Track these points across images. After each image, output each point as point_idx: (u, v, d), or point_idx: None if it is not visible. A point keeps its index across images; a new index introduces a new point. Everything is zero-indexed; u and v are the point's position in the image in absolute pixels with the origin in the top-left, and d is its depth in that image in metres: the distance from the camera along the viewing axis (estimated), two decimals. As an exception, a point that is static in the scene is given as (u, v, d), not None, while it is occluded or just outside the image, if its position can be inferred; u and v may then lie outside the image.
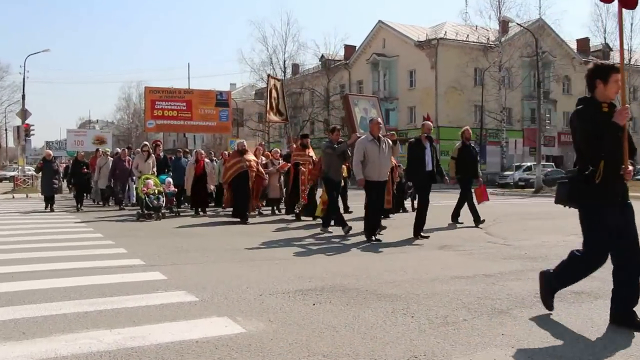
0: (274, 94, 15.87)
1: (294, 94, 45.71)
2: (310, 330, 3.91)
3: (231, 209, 12.26)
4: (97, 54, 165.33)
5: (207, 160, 14.54)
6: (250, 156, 12.20)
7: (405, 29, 44.53)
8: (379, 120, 8.96)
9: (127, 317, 4.23)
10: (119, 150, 17.97)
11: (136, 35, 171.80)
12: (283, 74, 45.01)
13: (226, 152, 16.00)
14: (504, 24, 38.41)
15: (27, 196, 22.77)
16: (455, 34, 41.69)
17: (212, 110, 24.37)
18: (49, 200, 15.22)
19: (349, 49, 49.17)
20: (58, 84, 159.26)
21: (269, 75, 17.50)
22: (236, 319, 4.18)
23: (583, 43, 47.52)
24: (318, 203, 11.49)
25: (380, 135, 8.59)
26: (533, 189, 26.49)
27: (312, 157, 12.22)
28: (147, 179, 12.91)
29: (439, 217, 11.11)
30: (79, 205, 15.24)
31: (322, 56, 47.53)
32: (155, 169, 13.88)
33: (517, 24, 33.66)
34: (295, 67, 50.50)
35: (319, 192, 11.87)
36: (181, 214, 13.65)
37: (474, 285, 5.37)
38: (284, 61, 45.67)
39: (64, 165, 25.64)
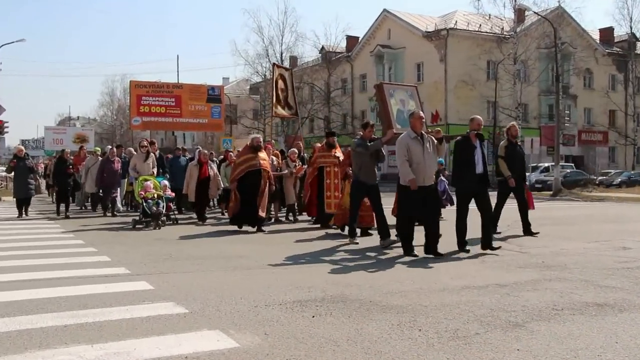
0: (280, 84, 14.98)
1: (292, 89, 45.72)
2: (309, 345, 3.91)
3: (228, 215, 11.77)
4: (78, 45, 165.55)
5: (210, 162, 13.80)
6: (265, 155, 11.36)
7: (413, 19, 44.60)
8: (422, 114, 8.18)
9: (110, 330, 4.23)
10: (108, 148, 16.60)
11: (121, 25, 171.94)
12: (280, 67, 45.03)
13: (231, 153, 14.91)
14: (520, 13, 38.47)
15: (0, 199, 22.77)
16: (467, 23, 41.75)
17: (203, 106, 24.33)
18: (23, 204, 14.16)
19: (352, 40, 49.25)
20: (34, 77, 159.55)
21: (274, 64, 16.60)
22: (229, 332, 4.18)
23: (606, 33, 47.59)
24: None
25: (423, 132, 7.95)
26: (551, 192, 26.51)
27: (339, 158, 11.26)
28: (146, 180, 12.20)
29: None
30: (60, 210, 14.26)
31: (322, 48, 47.63)
32: (155, 170, 13.08)
33: (534, 12, 33.70)
34: (294, 59, 50.55)
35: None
36: (179, 221, 12.76)
37: (487, 296, 5.37)
38: (281, 53, 45.77)
39: (42, 165, 25.38)
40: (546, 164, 33.34)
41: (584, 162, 44.49)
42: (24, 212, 14.04)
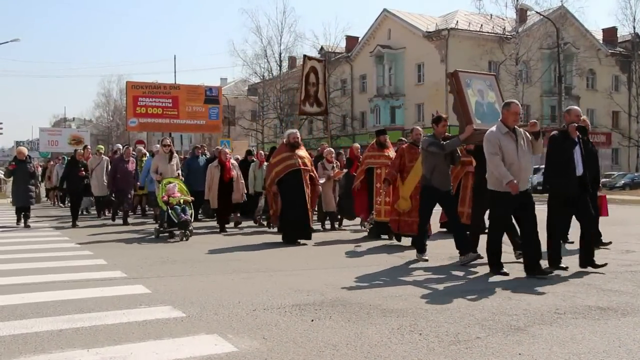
0: (312, 78, 13.85)
1: (291, 90, 45.74)
2: (308, 349, 3.92)
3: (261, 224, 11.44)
4: (74, 45, 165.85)
5: (233, 162, 12.53)
6: (304, 153, 10.17)
7: (413, 19, 44.65)
8: (519, 106, 6.85)
9: (106, 335, 4.23)
10: (119, 147, 15.64)
11: (117, 24, 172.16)
12: (279, 68, 45.12)
13: (262, 152, 13.81)
14: (522, 13, 38.52)
15: (-4, 202, 22.75)
16: (468, 23, 41.80)
17: (200, 107, 24.33)
18: (23, 213, 12.69)
19: (351, 41, 49.28)
20: (29, 78, 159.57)
21: (305, 56, 14.82)
22: (227, 336, 4.18)
23: (610, 33, 47.65)
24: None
25: (516, 126, 6.74)
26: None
27: (391, 158, 10.05)
28: (170, 183, 10.88)
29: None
30: (75, 221, 12.71)
31: (322, 48, 47.59)
32: (180, 172, 11.51)
33: (537, 12, 33.76)
34: (292, 60, 50.53)
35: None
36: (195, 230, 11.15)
37: (488, 299, 5.38)
38: (280, 54, 45.76)
39: (39, 167, 25.03)
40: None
41: (586, 163, 44.49)
42: (22, 223, 12.63)
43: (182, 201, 10.58)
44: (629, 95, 45.19)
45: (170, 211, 10.31)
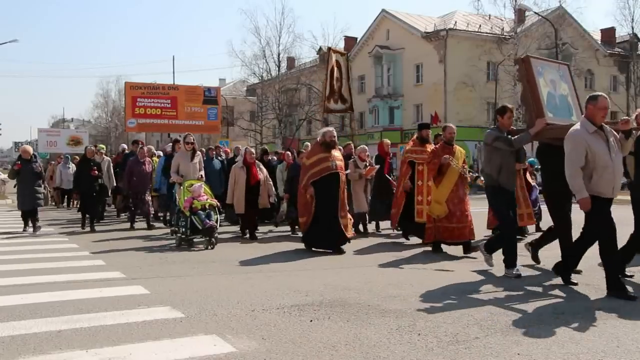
0: (336, 73, 12.94)
1: (289, 91, 45.73)
2: (307, 349, 3.92)
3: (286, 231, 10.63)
4: (72, 46, 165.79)
5: (259, 163, 11.32)
6: (339, 154, 9.31)
7: (412, 19, 44.67)
8: (607, 100, 5.88)
9: (105, 335, 4.23)
10: (124, 147, 14.65)
11: (116, 25, 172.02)
12: (277, 68, 45.08)
13: (289, 152, 12.74)
14: (520, 13, 38.54)
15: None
16: (466, 24, 41.83)
17: (199, 108, 24.33)
18: (30, 216, 11.56)
19: (350, 41, 49.26)
20: (28, 78, 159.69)
21: (329, 49, 13.73)
22: (226, 336, 4.18)
23: (608, 33, 47.69)
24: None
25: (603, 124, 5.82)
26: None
27: None
28: (192, 185, 9.71)
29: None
30: (86, 223, 11.87)
31: (320, 49, 47.61)
32: (202, 173, 10.29)
33: (535, 12, 33.79)
34: (291, 60, 50.52)
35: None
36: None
37: (487, 299, 5.39)
38: (279, 54, 45.70)
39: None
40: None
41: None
42: (30, 227, 11.54)
43: (207, 205, 9.49)
44: (627, 96, 45.24)
45: (193, 216, 9.20)
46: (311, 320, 4.64)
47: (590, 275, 6.59)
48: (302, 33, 70.75)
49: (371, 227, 11.38)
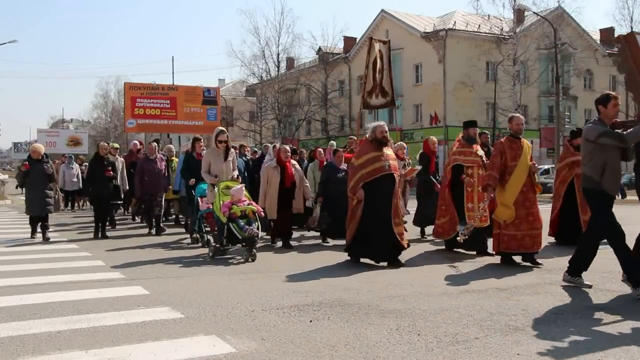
0: (379, 64, 11.90)
1: (289, 91, 45.76)
2: (307, 350, 3.91)
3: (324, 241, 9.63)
4: (72, 46, 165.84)
5: (294, 163, 10.02)
6: (392, 152, 8.07)
7: (411, 19, 44.67)
8: None
9: (104, 336, 4.23)
10: (136, 143, 13.88)
11: (115, 26, 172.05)
12: (277, 69, 45.12)
13: (321, 150, 11.61)
14: (519, 13, 38.56)
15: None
16: (466, 24, 41.84)
17: (198, 108, 24.34)
18: (39, 223, 10.38)
19: (349, 41, 49.28)
20: (27, 79, 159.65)
21: (371, 38, 12.45)
22: (225, 337, 4.18)
23: (607, 33, 47.65)
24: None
25: None
26: (551, 194, 26.54)
27: (482, 156, 8.49)
28: (228, 187, 8.45)
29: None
30: (100, 229, 10.72)
31: (320, 49, 47.66)
32: (236, 173, 8.92)
33: (534, 12, 33.78)
34: (290, 61, 50.59)
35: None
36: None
37: (487, 299, 5.38)
38: (278, 54, 45.78)
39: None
40: (546, 166, 33.39)
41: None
42: (40, 233, 10.41)
43: (247, 211, 8.21)
44: (626, 96, 45.16)
45: (231, 224, 7.94)
46: (311, 321, 4.63)
47: (589, 274, 6.58)
48: (302, 33, 71.00)
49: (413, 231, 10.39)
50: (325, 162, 10.55)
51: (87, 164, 17.12)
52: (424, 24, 43.88)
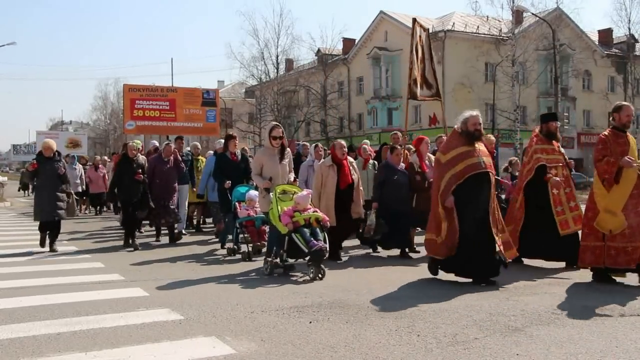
0: (419, 52, 10.85)
1: (288, 92, 45.76)
2: (306, 351, 3.91)
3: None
4: (70, 48, 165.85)
5: (352, 160, 8.62)
6: (484, 147, 6.59)
7: (410, 20, 44.61)
8: None
9: (104, 338, 4.22)
10: (155, 143, 12.66)
11: (114, 27, 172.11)
12: (276, 70, 45.14)
13: (367, 147, 10.08)
14: (518, 14, 38.59)
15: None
16: (464, 25, 41.90)
17: (198, 110, 24.33)
18: (49, 230, 9.09)
19: (348, 43, 49.30)
20: (26, 81, 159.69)
21: (414, 20, 11.16)
22: (225, 338, 4.18)
23: (605, 34, 47.79)
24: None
25: None
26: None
27: (564, 154, 7.50)
28: (285, 192, 7.22)
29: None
30: (131, 238, 9.49)
31: (319, 50, 47.68)
32: (292, 175, 7.64)
33: (532, 13, 33.84)
34: (289, 62, 50.62)
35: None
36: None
37: (486, 300, 5.38)
38: (277, 56, 45.79)
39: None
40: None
41: (583, 164, 44.54)
42: (47, 244, 9.13)
43: (311, 219, 6.92)
44: (624, 96, 45.26)
45: (295, 235, 6.72)
46: (310, 322, 4.63)
47: (588, 275, 6.59)
48: (301, 35, 70.98)
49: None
50: (369, 160, 9.63)
51: (91, 164, 17.03)
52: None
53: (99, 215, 16.46)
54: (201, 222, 12.35)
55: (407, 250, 8.34)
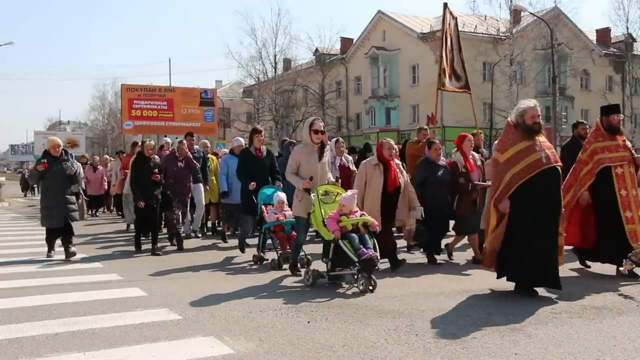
0: (448, 41, 10.41)
1: (286, 92, 45.74)
2: (304, 350, 3.91)
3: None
4: (68, 48, 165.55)
5: (397, 161, 7.56)
6: (545, 139, 5.81)
7: (408, 20, 44.71)
8: None
9: (102, 338, 4.22)
10: (167, 141, 11.88)
11: (112, 27, 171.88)
12: (274, 70, 45.10)
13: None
14: (516, 14, 38.64)
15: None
16: (462, 24, 41.71)
17: (195, 109, 24.37)
18: (58, 236, 8.40)
19: (346, 42, 49.31)
20: (24, 81, 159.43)
21: (445, 4, 10.54)
22: (223, 338, 4.18)
23: (603, 34, 47.84)
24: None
25: None
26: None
27: (631, 150, 6.85)
28: (327, 193, 6.54)
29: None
30: (152, 243, 8.80)
31: (316, 50, 47.66)
32: (332, 176, 7.18)
33: (530, 13, 33.86)
34: (287, 62, 50.59)
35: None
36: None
37: (484, 300, 5.39)
38: (275, 56, 45.74)
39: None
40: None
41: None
42: (53, 251, 8.40)
43: (360, 224, 6.18)
44: (622, 96, 45.36)
45: (342, 242, 5.98)
46: (309, 322, 4.63)
47: (586, 274, 6.61)
48: (299, 34, 70.89)
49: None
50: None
51: (89, 165, 17.06)
52: (421, 25, 43.92)
53: (95, 217, 16.39)
54: (216, 224, 11.72)
55: (435, 254, 7.65)
